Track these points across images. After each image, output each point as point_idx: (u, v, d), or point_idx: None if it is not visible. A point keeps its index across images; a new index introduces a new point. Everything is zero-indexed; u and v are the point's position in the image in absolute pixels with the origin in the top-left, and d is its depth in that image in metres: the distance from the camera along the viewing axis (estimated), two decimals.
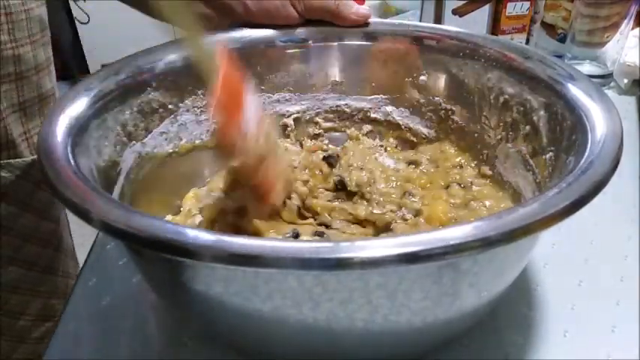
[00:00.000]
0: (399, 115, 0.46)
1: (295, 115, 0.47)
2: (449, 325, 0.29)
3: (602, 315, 0.36)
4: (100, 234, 0.43)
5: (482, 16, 0.69)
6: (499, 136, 0.40)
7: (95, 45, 1.97)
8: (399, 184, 0.42)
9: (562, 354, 0.33)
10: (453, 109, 0.44)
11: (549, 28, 0.69)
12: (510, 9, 0.68)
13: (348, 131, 0.48)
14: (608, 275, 0.39)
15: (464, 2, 0.66)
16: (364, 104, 0.47)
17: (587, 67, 0.64)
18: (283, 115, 0.46)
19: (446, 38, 0.43)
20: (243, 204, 0.38)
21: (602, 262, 0.40)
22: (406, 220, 0.38)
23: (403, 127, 0.47)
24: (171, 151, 0.40)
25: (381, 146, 0.47)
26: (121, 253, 0.41)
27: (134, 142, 0.37)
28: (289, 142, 0.47)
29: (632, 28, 0.63)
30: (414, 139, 0.46)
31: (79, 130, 0.31)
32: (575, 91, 0.33)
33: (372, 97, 0.47)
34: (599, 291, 0.37)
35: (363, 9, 0.44)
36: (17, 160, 0.46)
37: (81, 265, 0.41)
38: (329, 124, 0.48)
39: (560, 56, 0.67)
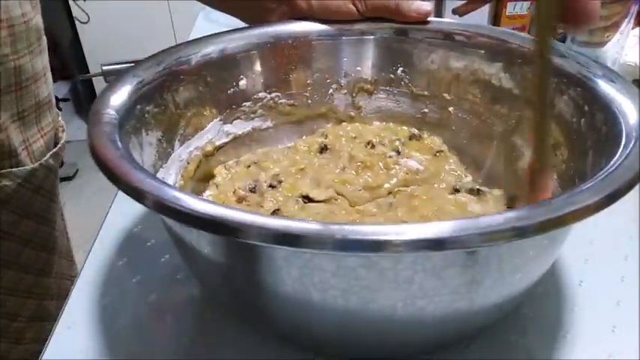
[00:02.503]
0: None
1: None
2: (474, 315, 0.29)
3: (602, 315, 0.35)
4: (99, 234, 0.43)
5: (481, 15, 0.69)
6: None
7: (95, 45, 1.97)
8: None
9: (562, 354, 0.33)
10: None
11: None
12: (510, 9, 0.68)
13: None
14: (609, 275, 0.39)
15: (463, 2, 0.66)
16: None
17: None
18: None
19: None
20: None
21: (602, 262, 0.40)
22: None
23: None
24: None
25: None
26: (121, 253, 0.41)
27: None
28: None
29: (633, 28, 0.62)
30: None
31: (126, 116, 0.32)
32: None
33: None
34: (599, 291, 0.37)
35: (424, 5, 0.44)
36: (19, 168, 0.46)
37: (80, 266, 0.41)
38: None
39: None
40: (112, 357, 0.34)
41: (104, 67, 0.67)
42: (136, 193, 0.25)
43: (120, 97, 0.33)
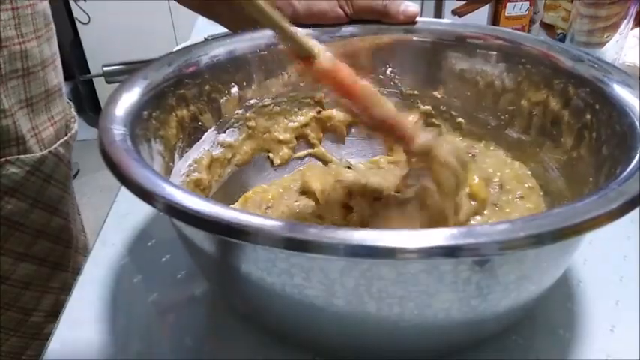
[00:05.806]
0: None
1: None
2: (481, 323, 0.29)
3: (601, 315, 0.36)
4: (100, 234, 0.43)
5: (481, 16, 0.69)
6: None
7: (96, 45, 1.97)
8: None
9: (561, 354, 0.33)
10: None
11: (549, 28, 0.69)
12: (510, 9, 0.68)
13: None
14: (608, 275, 0.39)
15: (463, 2, 0.67)
16: None
17: None
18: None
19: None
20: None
21: (601, 262, 0.40)
22: None
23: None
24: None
25: None
26: (122, 252, 0.41)
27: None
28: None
29: (632, 29, 0.63)
30: None
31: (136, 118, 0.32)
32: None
33: None
34: (598, 291, 0.37)
35: (412, 7, 0.43)
36: (27, 155, 0.46)
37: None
38: None
39: None
40: (114, 357, 0.34)
41: (105, 68, 0.67)
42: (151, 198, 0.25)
43: (129, 99, 0.33)
